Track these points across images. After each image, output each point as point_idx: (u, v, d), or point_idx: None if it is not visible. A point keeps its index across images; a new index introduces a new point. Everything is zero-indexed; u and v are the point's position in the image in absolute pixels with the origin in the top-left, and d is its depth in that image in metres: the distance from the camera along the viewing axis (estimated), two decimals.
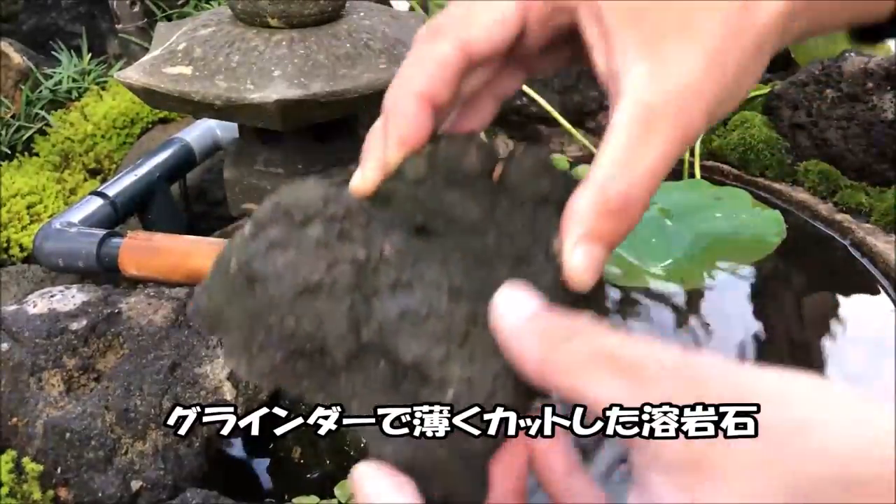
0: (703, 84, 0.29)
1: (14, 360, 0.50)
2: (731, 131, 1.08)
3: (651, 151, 0.30)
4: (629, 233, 0.31)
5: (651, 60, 0.29)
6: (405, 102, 0.30)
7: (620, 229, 0.30)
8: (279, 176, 0.61)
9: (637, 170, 0.30)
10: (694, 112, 0.29)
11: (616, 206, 0.30)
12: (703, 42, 0.29)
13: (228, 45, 0.56)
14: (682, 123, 0.30)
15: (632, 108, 0.29)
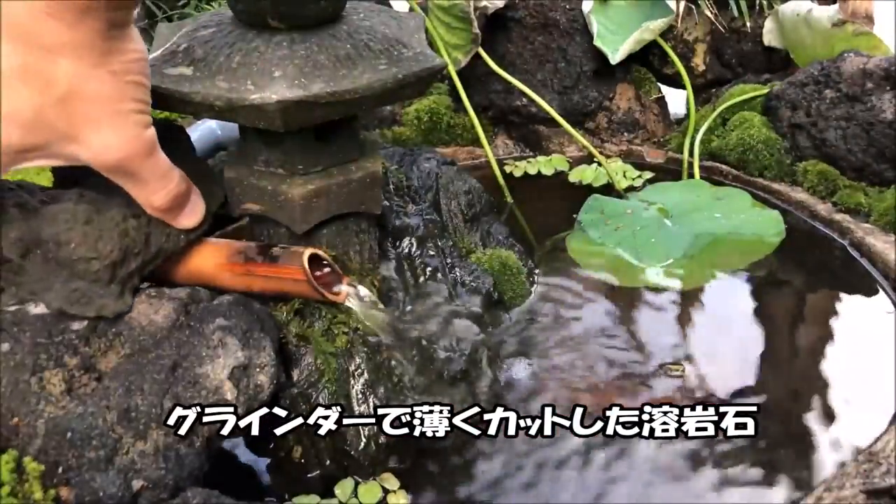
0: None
1: (15, 360, 0.50)
2: (730, 131, 1.08)
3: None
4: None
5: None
6: None
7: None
8: (279, 176, 0.61)
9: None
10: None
11: None
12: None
13: (229, 46, 0.56)
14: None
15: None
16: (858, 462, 0.58)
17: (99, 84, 0.47)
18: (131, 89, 0.49)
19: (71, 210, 0.52)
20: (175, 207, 0.55)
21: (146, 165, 0.51)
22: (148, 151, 0.51)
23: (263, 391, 0.54)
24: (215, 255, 0.59)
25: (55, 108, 0.46)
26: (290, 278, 0.58)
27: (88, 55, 0.46)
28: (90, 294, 0.52)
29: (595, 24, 1.11)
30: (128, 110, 0.49)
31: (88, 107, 0.47)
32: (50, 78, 0.45)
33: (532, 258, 0.88)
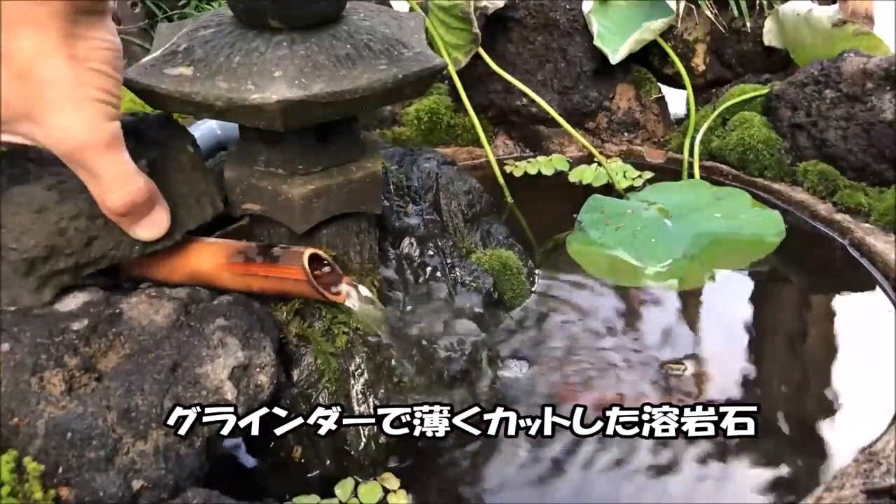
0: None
1: (15, 360, 0.50)
2: (730, 132, 1.08)
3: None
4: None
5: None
6: None
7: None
8: (279, 176, 0.61)
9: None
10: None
11: None
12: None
13: (229, 46, 0.56)
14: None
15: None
16: (858, 462, 0.58)
17: (58, 66, 0.46)
18: (94, 77, 0.48)
19: (31, 194, 0.52)
20: (131, 214, 0.53)
21: (103, 160, 0.49)
22: (106, 144, 0.49)
23: (263, 391, 0.54)
24: (215, 255, 0.59)
25: (13, 83, 0.46)
26: (290, 278, 0.58)
27: (50, 35, 0.45)
28: (9, 281, 0.52)
29: (595, 24, 1.11)
30: (88, 97, 0.47)
31: (46, 87, 0.46)
32: (10, 54, 0.45)
33: (532, 258, 0.88)
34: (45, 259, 0.52)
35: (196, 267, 0.59)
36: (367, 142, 0.67)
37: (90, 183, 0.50)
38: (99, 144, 0.49)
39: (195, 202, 0.59)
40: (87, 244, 0.53)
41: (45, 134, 0.48)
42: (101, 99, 0.48)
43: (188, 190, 0.58)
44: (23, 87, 0.46)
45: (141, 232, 0.55)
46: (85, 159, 0.49)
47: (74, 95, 0.47)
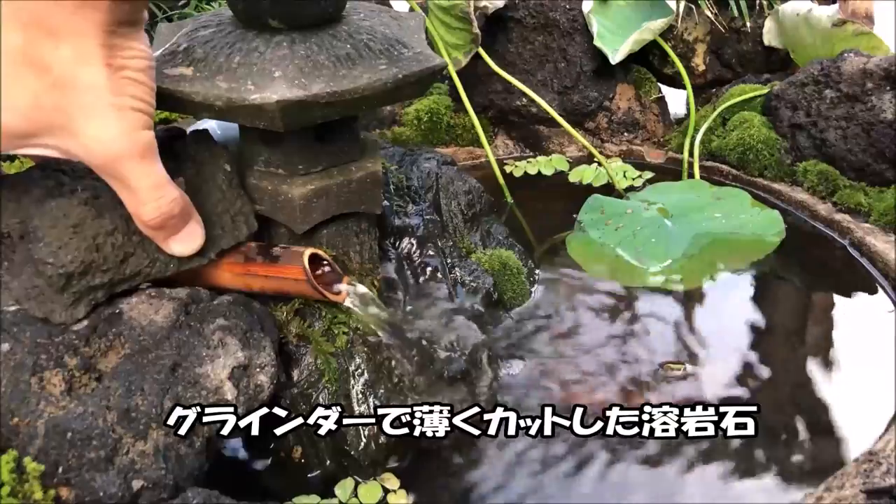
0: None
1: (15, 360, 0.50)
2: (730, 132, 1.08)
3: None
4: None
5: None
6: None
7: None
8: (279, 176, 0.61)
9: None
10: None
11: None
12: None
13: (229, 46, 0.56)
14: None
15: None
16: (858, 462, 0.58)
17: (95, 75, 0.46)
18: (130, 86, 0.48)
19: (67, 209, 0.52)
20: (165, 228, 0.52)
21: (137, 170, 0.49)
22: (141, 154, 0.49)
23: (263, 391, 0.54)
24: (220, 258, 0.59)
25: (49, 93, 0.46)
26: (290, 278, 0.58)
27: (88, 45, 0.45)
28: (44, 296, 0.52)
29: (595, 24, 1.11)
30: (124, 106, 0.47)
31: (82, 96, 0.46)
32: (47, 63, 0.45)
33: (532, 258, 0.88)
34: (82, 275, 0.52)
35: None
36: (367, 142, 0.67)
37: (124, 194, 0.50)
38: (134, 154, 0.48)
39: (230, 221, 0.58)
40: (123, 260, 0.53)
41: (79, 144, 0.47)
42: (137, 108, 0.48)
43: (224, 208, 0.58)
44: (59, 97, 0.46)
45: (175, 246, 0.54)
46: (120, 170, 0.48)
47: (112, 105, 0.47)
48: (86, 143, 0.47)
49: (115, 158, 0.48)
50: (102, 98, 0.46)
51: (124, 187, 0.50)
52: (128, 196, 0.50)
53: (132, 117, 0.48)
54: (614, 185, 1.06)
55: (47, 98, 0.46)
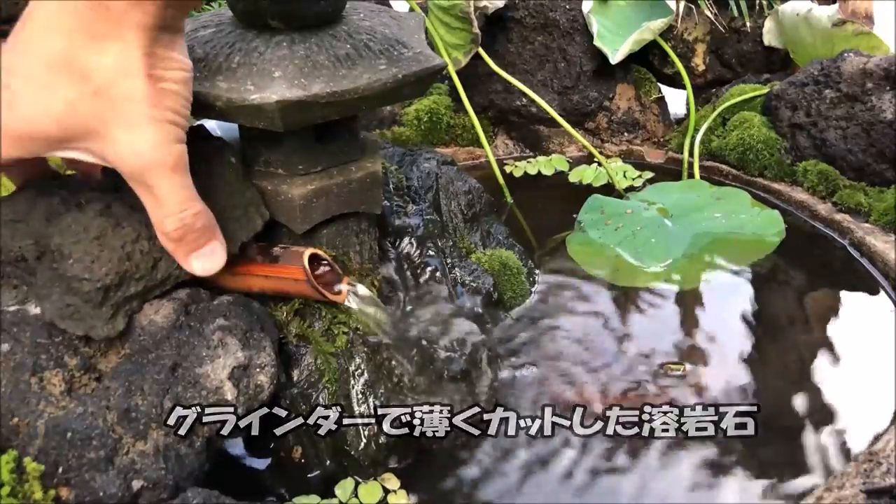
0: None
1: (15, 360, 0.50)
2: (730, 131, 1.08)
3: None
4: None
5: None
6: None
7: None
8: (279, 176, 0.61)
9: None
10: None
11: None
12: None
13: (229, 47, 0.56)
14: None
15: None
16: (858, 462, 0.58)
17: (136, 84, 0.46)
18: (168, 98, 0.48)
19: (85, 222, 0.51)
20: (186, 242, 0.52)
21: (168, 182, 0.49)
22: (173, 167, 0.48)
23: (263, 391, 0.54)
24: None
25: (89, 101, 0.45)
26: (290, 278, 0.58)
27: (131, 54, 0.45)
28: (82, 312, 0.51)
29: (595, 24, 1.11)
30: (161, 118, 0.47)
31: (121, 106, 0.46)
32: (89, 70, 0.45)
33: (532, 258, 0.88)
34: (118, 286, 0.51)
35: None
36: (367, 142, 0.67)
37: (150, 204, 0.50)
38: (166, 165, 0.48)
39: (243, 213, 0.58)
40: (153, 266, 0.53)
41: (113, 152, 0.47)
42: (173, 121, 0.48)
43: (235, 202, 0.58)
44: (98, 103, 0.46)
45: (195, 263, 0.53)
46: (150, 180, 0.48)
47: (149, 115, 0.47)
48: (120, 152, 0.47)
49: (147, 169, 0.48)
50: (141, 109, 0.46)
51: (152, 197, 0.49)
52: (153, 206, 0.50)
53: (168, 130, 0.48)
54: (614, 185, 1.06)
55: (86, 105, 0.45)
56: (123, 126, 0.46)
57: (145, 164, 0.48)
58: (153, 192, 0.49)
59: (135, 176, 0.48)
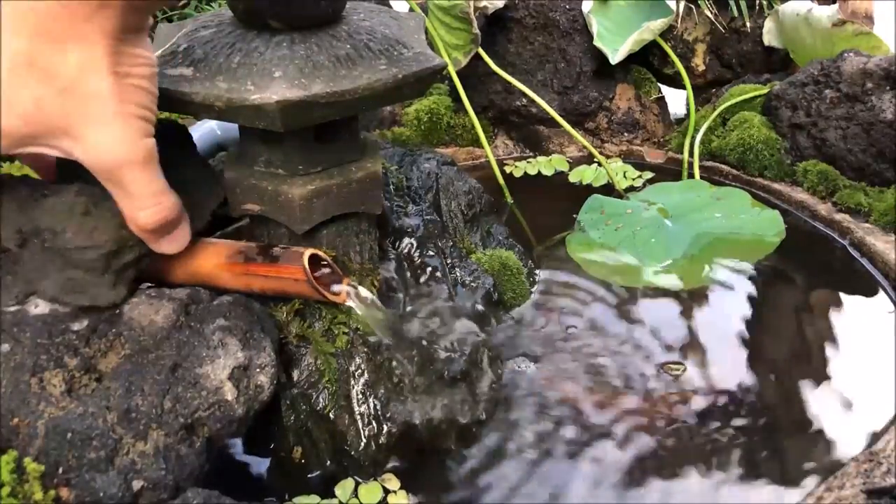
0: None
1: (15, 361, 0.50)
2: (730, 131, 1.08)
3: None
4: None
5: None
6: None
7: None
8: (279, 176, 0.61)
9: None
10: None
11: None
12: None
13: (229, 47, 0.56)
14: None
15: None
16: (858, 462, 0.58)
17: (102, 82, 0.46)
18: (135, 93, 0.48)
19: (70, 202, 0.52)
20: (159, 231, 0.53)
21: (138, 176, 0.49)
22: (142, 162, 0.49)
23: (263, 391, 0.54)
24: (215, 255, 0.59)
25: (56, 99, 0.46)
26: (290, 278, 0.58)
27: (95, 52, 0.46)
28: (84, 283, 0.52)
29: (595, 24, 1.11)
30: (128, 114, 0.48)
31: (88, 103, 0.46)
32: (55, 69, 0.45)
33: (532, 258, 0.88)
34: (117, 253, 0.53)
35: (196, 267, 0.59)
36: (367, 142, 0.67)
37: (122, 200, 0.51)
38: (136, 161, 0.49)
39: (207, 185, 0.60)
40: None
41: (82, 149, 0.48)
42: (141, 115, 0.48)
43: (199, 175, 0.60)
44: (66, 102, 0.46)
45: (165, 247, 0.55)
46: (121, 176, 0.49)
47: (116, 112, 0.47)
48: (89, 149, 0.48)
49: (117, 165, 0.48)
50: (108, 106, 0.47)
51: (123, 193, 0.50)
52: (126, 201, 0.51)
53: (136, 125, 0.48)
54: (614, 185, 1.06)
55: (53, 103, 0.46)
56: (91, 123, 0.47)
57: (115, 161, 0.48)
58: (125, 187, 0.50)
59: (105, 172, 0.49)
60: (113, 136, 0.47)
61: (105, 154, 0.48)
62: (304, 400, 0.60)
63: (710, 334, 0.77)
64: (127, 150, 0.48)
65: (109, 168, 0.49)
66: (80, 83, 0.46)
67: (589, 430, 0.65)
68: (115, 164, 0.48)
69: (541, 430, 0.65)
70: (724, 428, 0.64)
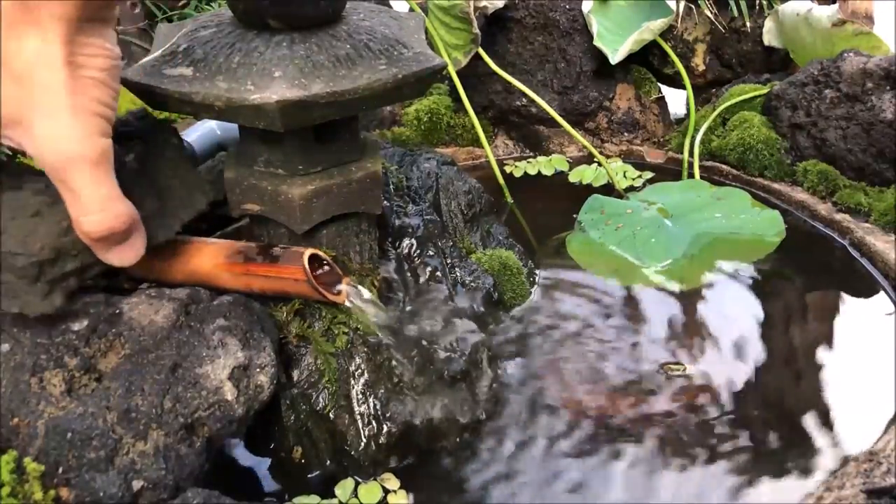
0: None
1: (15, 360, 0.50)
2: (730, 131, 1.08)
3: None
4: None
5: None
6: None
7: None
8: (279, 176, 0.61)
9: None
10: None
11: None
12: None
13: (229, 47, 0.56)
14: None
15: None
16: (858, 462, 0.58)
17: (54, 72, 0.44)
18: (92, 87, 0.45)
19: (24, 199, 0.50)
20: (104, 241, 0.49)
21: (86, 178, 0.46)
22: (94, 161, 0.46)
23: (263, 391, 0.54)
24: (215, 255, 0.59)
25: (10, 87, 0.44)
26: (290, 278, 0.58)
27: (51, 39, 0.43)
28: (17, 289, 0.50)
29: (595, 24, 1.11)
30: (82, 108, 0.45)
31: (38, 94, 0.44)
32: (8, 57, 0.43)
33: (532, 258, 0.88)
34: (53, 262, 0.50)
35: (196, 267, 0.59)
36: (367, 142, 0.67)
37: (69, 200, 0.47)
38: (85, 160, 0.46)
39: (186, 193, 0.58)
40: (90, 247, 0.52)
41: (31, 142, 0.45)
42: (96, 111, 0.46)
43: (178, 182, 0.58)
44: (18, 91, 0.44)
45: (112, 257, 0.51)
46: (67, 175, 0.46)
47: (68, 104, 0.44)
48: (39, 144, 0.45)
49: (65, 162, 0.45)
50: (59, 98, 0.44)
51: (70, 194, 0.47)
52: (72, 203, 0.47)
53: (90, 121, 0.45)
54: (614, 185, 1.06)
55: (7, 92, 0.44)
56: (41, 115, 0.44)
57: (62, 157, 0.45)
58: (71, 188, 0.46)
59: (53, 170, 0.46)
60: (62, 130, 0.45)
61: (52, 149, 0.45)
62: (304, 400, 0.60)
63: (710, 334, 0.77)
64: (75, 147, 0.45)
65: (55, 165, 0.46)
66: (32, 72, 0.44)
67: (589, 429, 0.65)
68: (61, 161, 0.45)
69: (540, 430, 0.65)
70: (723, 427, 0.64)
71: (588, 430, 0.65)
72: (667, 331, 0.77)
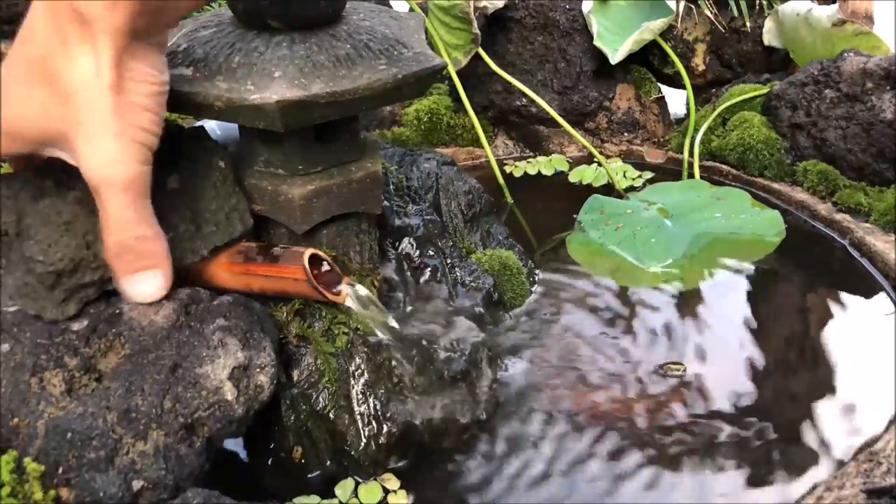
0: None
1: (15, 360, 0.50)
2: (730, 131, 1.08)
3: None
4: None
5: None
6: None
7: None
8: (279, 176, 0.61)
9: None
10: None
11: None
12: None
13: (229, 47, 0.57)
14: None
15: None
16: (858, 462, 0.58)
17: (100, 94, 0.45)
18: (135, 113, 0.46)
19: (60, 206, 0.52)
20: (124, 261, 0.51)
21: (117, 201, 0.48)
22: (125, 188, 0.47)
23: (263, 391, 0.54)
24: (215, 255, 0.59)
25: (58, 106, 0.45)
26: (290, 278, 0.58)
27: (100, 60, 0.44)
28: (36, 293, 0.52)
29: (595, 24, 1.11)
30: (123, 133, 0.46)
31: (84, 113, 0.45)
32: (59, 75, 0.45)
33: (532, 258, 0.88)
34: (72, 272, 0.52)
35: (196, 267, 0.59)
36: (367, 142, 0.67)
37: (101, 216, 0.49)
38: (119, 185, 0.47)
39: (224, 218, 0.58)
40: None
41: (76, 159, 0.47)
42: (137, 138, 0.47)
43: (218, 205, 0.58)
44: (66, 109, 0.45)
45: (128, 286, 0.52)
46: (101, 194, 0.48)
47: (111, 128, 0.45)
48: (81, 162, 0.47)
49: (98, 183, 0.47)
50: (103, 120, 0.45)
51: (103, 212, 0.49)
52: (102, 222, 0.49)
53: (129, 147, 0.47)
54: (614, 185, 1.06)
55: (56, 110, 0.45)
56: (84, 137, 0.46)
57: (98, 178, 0.47)
58: (104, 208, 0.48)
59: (91, 187, 0.48)
60: (102, 153, 0.46)
61: (92, 169, 0.47)
62: (304, 400, 0.60)
63: (710, 334, 0.77)
64: (111, 171, 0.46)
65: (95, 185, 0.47)
66: (80, 92, 0.45)
67: (589, 430, 0.65)
68: (95, 182, 0.47)
69: (540, 430, 0.65)
70: (723, 427, 0.64)
71: (588, 430, 0.65)
72: (666, 331, 0.77)
